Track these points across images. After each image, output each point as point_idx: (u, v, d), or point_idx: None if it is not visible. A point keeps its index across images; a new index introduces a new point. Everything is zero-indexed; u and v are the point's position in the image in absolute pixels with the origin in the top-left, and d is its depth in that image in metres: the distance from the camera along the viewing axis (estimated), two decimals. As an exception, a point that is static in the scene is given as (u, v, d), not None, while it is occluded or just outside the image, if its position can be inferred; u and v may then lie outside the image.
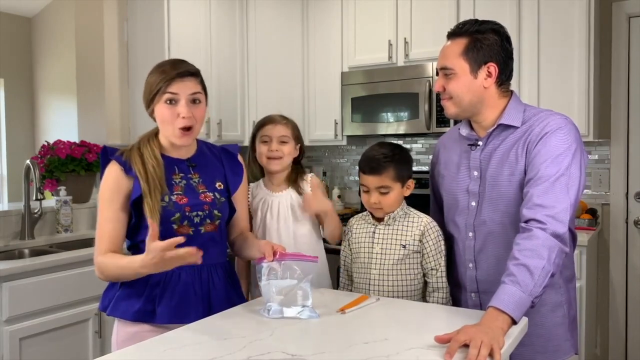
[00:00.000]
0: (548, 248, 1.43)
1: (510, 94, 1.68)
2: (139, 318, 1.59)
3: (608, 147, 3.30)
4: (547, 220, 1.45)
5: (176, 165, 1.68)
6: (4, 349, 2.22)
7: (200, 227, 1.64)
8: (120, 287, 1.63)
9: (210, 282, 1.66)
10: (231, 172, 1.77)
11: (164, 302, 1.59)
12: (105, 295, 1.68)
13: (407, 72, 3.41)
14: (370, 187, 1.79)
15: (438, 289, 1.77)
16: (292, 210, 1.97)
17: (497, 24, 1.65)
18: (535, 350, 1.64)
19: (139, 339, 1.46)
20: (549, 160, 1.52)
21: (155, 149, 1.65)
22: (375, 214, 1.84)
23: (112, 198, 1.61)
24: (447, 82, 1.63)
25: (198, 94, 1.63)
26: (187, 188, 1.65)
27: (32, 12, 5.83)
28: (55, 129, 5.53)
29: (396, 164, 1.78)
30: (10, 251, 2.73)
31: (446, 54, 1.63)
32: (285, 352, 1.24)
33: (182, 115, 1.59)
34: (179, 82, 1.60)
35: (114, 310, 1.62)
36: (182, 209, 1.61)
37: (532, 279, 1.39)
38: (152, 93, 1.61)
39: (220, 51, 3.54)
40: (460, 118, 1.70)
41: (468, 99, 1.62)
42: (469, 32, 1.61)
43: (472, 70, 1.60)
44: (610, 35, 3.26)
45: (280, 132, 1.95)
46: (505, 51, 1.62)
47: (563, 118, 1.60)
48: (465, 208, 1.71)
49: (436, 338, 1.28)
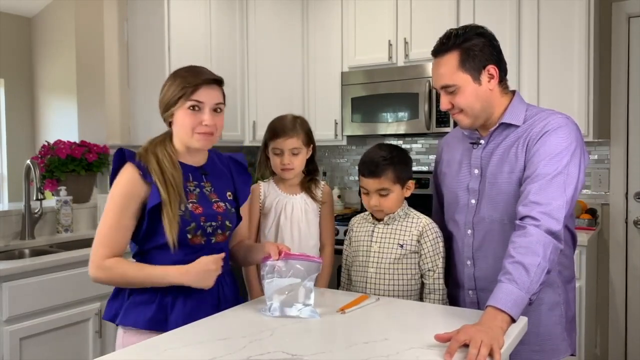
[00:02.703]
0: (542, 245, 1.43)
1: (512, 93, 1.68)
2: (152, 327, 1.55)
3: (608, 147, 3.30)
4: (541, 217, 1.46)
5: (190, 172, 1.65)
6: (4, 348, 2.22)
7: (212, 238, 1.62)
8: (129, 296, 1.59)
9: (220, 291, 1.66)
10: (241, 182, 1.76)
11: (176, 311, 1.56)
12: (111, 304, 1.62)
13: (407, 72, 3.41)
14: (370, 190, 1.80)
15: (434, 290, 1.77)
16: (306, 214, 2.00)
17: (477, 26, 1.65)
18: (532, 349, 1.65)
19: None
20: (547, 158, 1.52)
21: (173, 155, 1.61)
22: (376, 216, 1.84)
23: (126, 204, 1.55)
24: (453, 98, 1.62)
25: (221, 104, 1.63)
26: (200, 197, 1.63)
27: (32, 12, 5.83)
28: (55, 129, 5.53)
29: (395, 166, 1.78)
30: (10, 251, 2.73)
31: (442, 73, 1.62)
32: (285, 352, 1.24)
33: (205, 122, 1.58)
34: (205, 90, 1.59)
35: (124, 319, 1.57)
36: (197, 218, 1.58)
37: (528, 276, 1.39)
38: (176, 97, 1.58)
39: (220, 51, 3.54)
40: (474, 127, 1.68)
41: (479, 106, 1.62)
42: (457, 45, 1.59)
43: (475, 79, 1.60)
44: (610, 36, 3.26)
45: (291, 145, 1.96)
46: (496, 50, 1.62)
47: (564, 117, 1.60)
48: (465, 205, 1.71)
49: (436, 336, 1.28)
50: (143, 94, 3.33)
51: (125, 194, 1.55)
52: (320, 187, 2.07)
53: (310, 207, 2.02)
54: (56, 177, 3.05)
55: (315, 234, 2.03)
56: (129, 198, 1.55)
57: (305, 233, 2.00)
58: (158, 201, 1.53)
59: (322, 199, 2.05)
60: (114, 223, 1.55)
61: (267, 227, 2.00)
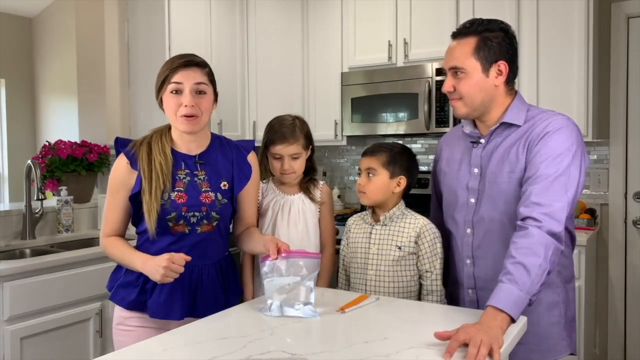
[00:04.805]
0: (544, 246, 1.43)
1: (514, 94, 1.68)
2: (132, 307, 1.69)
3: (607, 147, 3.30)
4: (543, 218, 1.46)
5: (183, 160, 1.69)
6: (5, 348, 2.23)
7: (196, 227, 1.66)
8: (123, 274, 1.73)
9: (199, 282, 1.69)
10: (239, 173, 1.77)
11: (154, 296, 1.66)
12: (113, 277, 1.78)
13: (407, 72, 3.41)
14: (362, 169, 1.84)
15: (432, 291, 1.77)
16: (303, 214, 2.00)
17: (504, 22, 1.65)
18: (530, 348, 1.65)
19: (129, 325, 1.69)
20: (549, 160, 1.52)
21: (166, 145, 1.67)
22: (361, 201, 1.86)
23: (117, 189, 1.69)
24: (457, 82, 1.62)
25: (203, 85, 1.65)
26: (189, 185, 1.66)
27: (33, 12, 5.83)
28: (56, 129, 5.53)
29: (391, 154, 1.82)
30: (11, 251, 2.73)
31: (455, 55, 1.62)
32: (285, 352, 1.25)
33: (184, 103, 1.61)
34: (184, 71, 1.62)
35: (113, 296, 1.73)
36: (179, 208, 1.63)
37: (529, 277, 1.39)
38: (160, 82, 1.65)
39: (221, 51, 3.55)
40: (469, 118, 1.70)
41: (480, 98, 1.62)
42: (478, 32, 1.60)
43: (484, 69, 1.60)
44: (610, 36, 3.27)
45: (292, 151, 1.95)
46: (512, 49, 1.63)
47: (565, 118, 1.60)
48: (465, 204, 1.71)
49: (436, 334, 1.28)
50: (144, 94, 3.33)
51: (115, 179, 1.69)
52: (319, 187, 2.06)
53: (308, 208, 2.01)
54: (57, 177, 3.06)
55: (314, 235, 2.02)
56: (117, 184, 1.69)
57: (302, 233, 1.99)
58: (138, 189, 1.63)
59: (321, 199, 2.04)
60: (110, 205, 1.71)
61: (264, 227, 2.00)
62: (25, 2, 5.55)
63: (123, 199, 1.68)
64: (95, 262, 2.53)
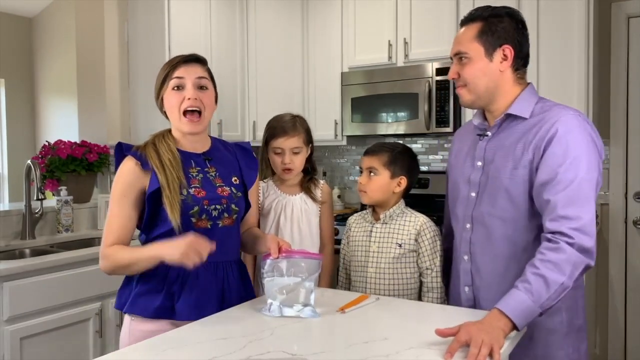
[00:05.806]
0: (572, 264, 1.38)
1: (526, 84, 1.63)
2: (160, 315, 1.56)
3: (607, 147, 3.29)
4: (574, 234, 1.39)
5: (192, 159, 1.67)
6: (4, 348, 2.23)
7: (218, 221, 1.63)
8: (137, 284, 1.61)
9: (225, 280, 1.66)
10: (247, 167, 1.77)
11: (183, 299, 1.58)
12: (121, 293, 1.65)
13: (407, 72, 3.41)
14: (364, 168, 1.85)
15: (433, 288, 1.77)
16: (306, 214, 2.01)
17: (511, 8, 1.62)
18: (525, 354, 1.56)
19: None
20: (567, 163, 1.45)
21: (171, 143, 1.65)
22: (362, 200, 1.86)
23: (125, 193, 1.59)
24: (461, 67, 1.59)
25: (205, 80, 1.65)
26: (204, 181, 1.65)
27: (32, 12, 5.83)
28: (55, 129, 5.53)
29: (392, 154, 1.83)
30: (11, 251, 2.73)
31: (460, 40, 1.61)
32: (285, 352, 1.25)
33: (187, 97, 1.60)
34: (185, 67, 1.63)
35: (132, 308, 1.59)
36: (200, 202, 1.60)
37: (547, 292, 1.35)
38: (160, 80, 1.64)
39: (221, 51, 3.54)
40: (475, 107, 1.66)
41: (484, 84, 1.57)
42: (483, 17, 1.58)
43: (487, 54, 1.56)
44: (610, 36, 3.27)
45: (293, 144, 1.96)
46: (520, 34, 1.59)
47: (576, 115, 1.53)
48: (465, 198, 1.66)
49: (437, 331, 1.28)
50: (143, 94, 3.33)
51: (123, 183, 1.60)
52: (320, 186, 2.07)
53: (310, 207, 2.03)
54: (57, 177, 3.06)
55: (316, 234, 2.04)
56: (127, 187, 1.59)
57: (305, 233, 2.00)
58: (157, 186, 1.56)
59: (321, 199, 2.05)
60: (115, 212, 1.59)
61: (267, 227, 2.01)
62: (25, 2, 5.55)
63: (132, 204, 1.59)
64: (95, 262, 2.50)
